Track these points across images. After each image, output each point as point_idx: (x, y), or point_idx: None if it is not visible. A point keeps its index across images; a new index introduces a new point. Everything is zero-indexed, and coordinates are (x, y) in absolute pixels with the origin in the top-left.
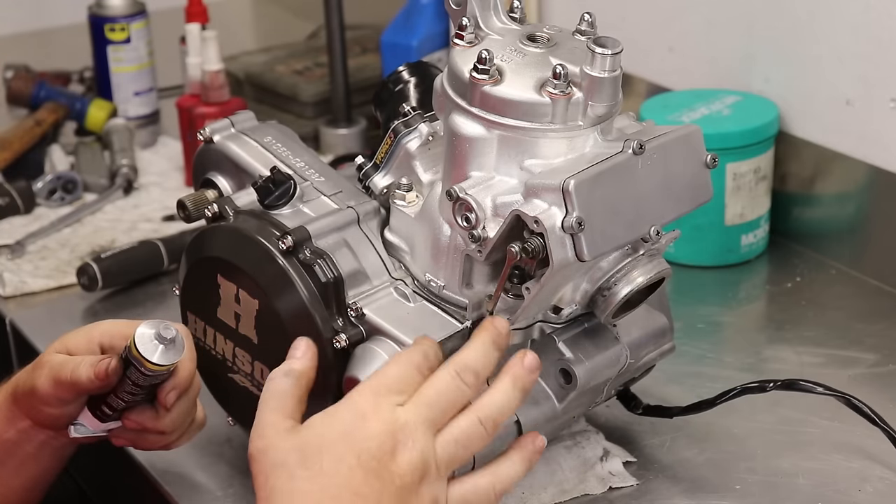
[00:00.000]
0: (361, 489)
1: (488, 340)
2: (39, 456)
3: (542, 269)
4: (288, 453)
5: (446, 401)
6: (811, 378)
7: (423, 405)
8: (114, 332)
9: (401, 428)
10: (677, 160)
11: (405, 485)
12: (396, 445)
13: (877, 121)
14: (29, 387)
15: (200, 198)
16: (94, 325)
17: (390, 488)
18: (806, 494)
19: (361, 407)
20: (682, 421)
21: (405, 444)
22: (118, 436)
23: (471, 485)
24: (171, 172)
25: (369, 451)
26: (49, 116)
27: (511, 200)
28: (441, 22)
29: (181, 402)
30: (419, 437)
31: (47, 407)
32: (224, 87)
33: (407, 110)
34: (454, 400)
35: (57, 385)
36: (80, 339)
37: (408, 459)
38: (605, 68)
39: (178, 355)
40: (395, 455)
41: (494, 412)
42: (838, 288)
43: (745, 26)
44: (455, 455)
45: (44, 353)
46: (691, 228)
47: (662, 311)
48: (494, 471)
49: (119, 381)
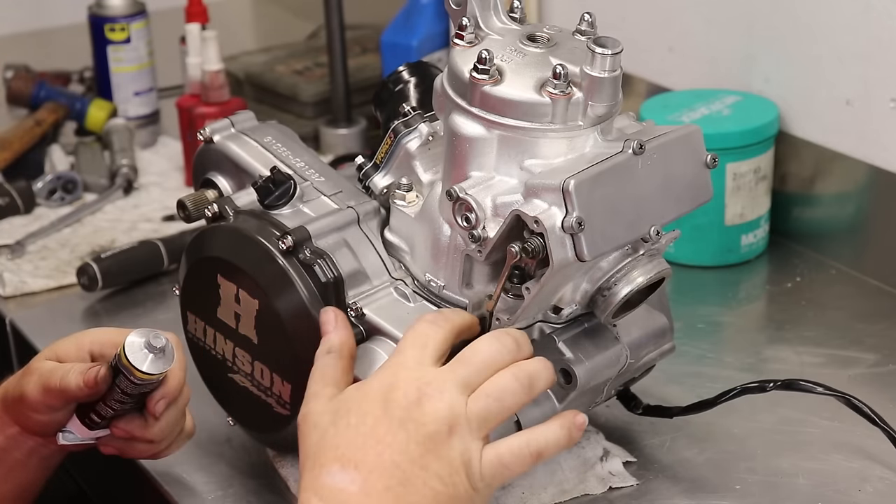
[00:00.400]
0: (385, 437)
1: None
2: (28, 463)
3: (542, 269)
4: (322, 415)
5: (481, 360)
6: (811, 378)
7: (458, 362)
8: (104, 339)
9: (428, 381)
10: (677, 160)
11: (430, 434)
12: (422, 396)
13: (877, 121)
14: (18, 393)
15: (200, 198)
16: (84, 332)
17: (416, 437)
18: (806, 494)
19: (392, 367)
20: (682, 421)
21: (431, 395)
22: (106, 444)
23: (505, 445)
24: (171, 172)
25: (395, 400)
26: (49, 116)
27: (511, 200)
28: (441, 22)
29: (170, 411)
30: (447, 389)
31: (36, 414)
32: (224, 87)
33: (407, 110)
34: (489, 360)
35: (46, 392)
36: (70, 346)
37: (433, 409)
38: (605, 68)
39: (168, 364)
40: (422, 404)
41: (531, 370)
42: (838, 288)
43: (745, 26)
44: (488, 409)
45: (34, 360)
46: (691, 228)
47: (662, 311)
48: (531, 431)
49: (108, 389)
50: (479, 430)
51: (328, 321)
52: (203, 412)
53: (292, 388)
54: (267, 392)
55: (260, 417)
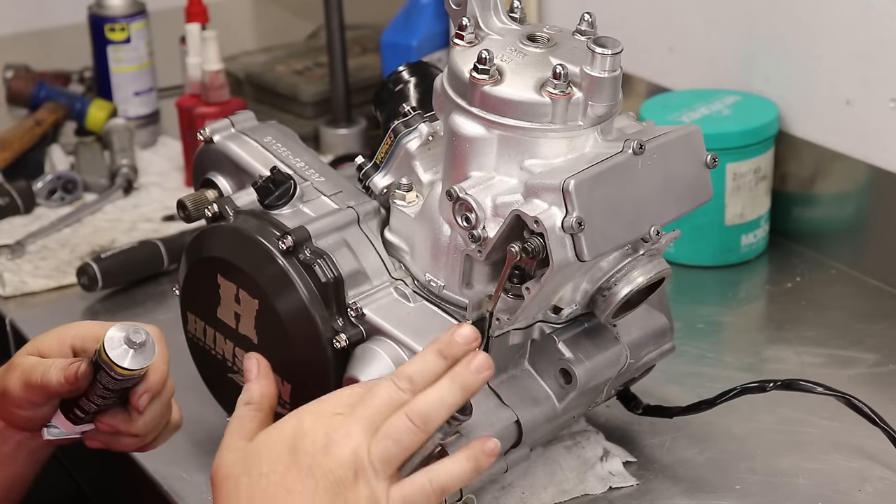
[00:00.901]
0: (295, 486)
1: (433, 349)
2: (16, 456)
3: (542, 269)
4: (234, 465)
5: (381, 402)
6: (811, 378)
7: (359, 406)
8: (86, 334)
9: (335, 427)
10: (677, 160)
11: (338, 480)
12: (329, 442)
13: (877, 121)
14: (1, 389)
15: (200, 198)
16: (66, 326)
17: (323, 483)
18: (806, 494)
19: (302, 414)
20: (682, 421)
21: (337, 440)
22: (92, 438)
23: (409, 484)
24: (171, 172)
25: (303, 448)
26: (49, 116)
27: (511, 200)
28: (441, 22)
29: (154, 404)
30: (352, 433)
31: (19, 409)
32: (224, 87)
33: (407, 110)
34: (388, 402)
35: (27, 388)
36: (52, 341)
37: (338, 454)
38: (604, 68)
39: (149, 359)
40: (328, 451)
41: (424, 407)
42: (838, 288)
43: (745, 26)
44: (389, 451)
45: (16, 355)
46: (691, 228)
47: (662, 312)
48: (432, 468)
49: (90, 384)
50: (383, 472)
51: (250, 370)
52: (203, 412)
53: (292, 387)
54: None
55: None
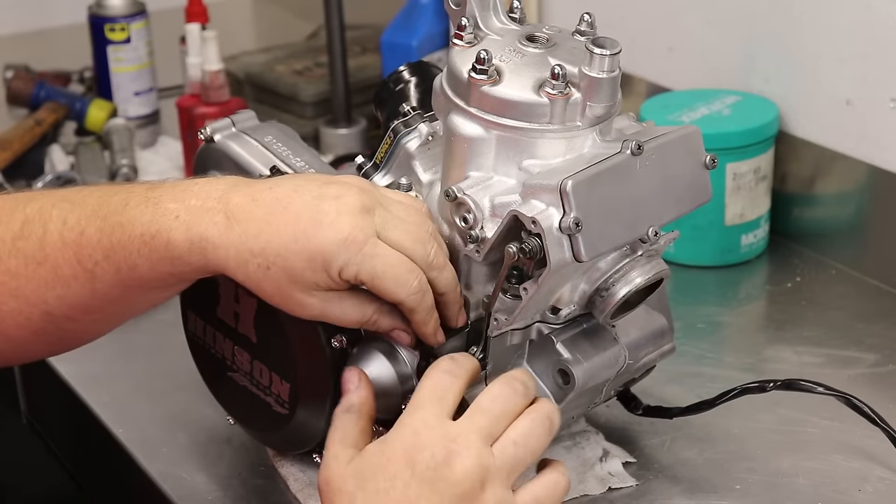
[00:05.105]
0: (419, 501)
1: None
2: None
3: (540, 270)
4: (346, 480)
5: (500, 408)
6: (811, 378)
7: (477, 413)
8: None
9: (453, 438)
10: (676, 161)
11: (464, 493)
12: (450, 454)
13: (877, 121)
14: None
15: None
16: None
17: (449, 497)
18: (806, 494)
19: (412, 424)
20: (682, 421)
21: (459, 452)
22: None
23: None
24: (171, 172)
25: (423, 462)
26: (49, 116)
27: (509, 201)
28: (441, 22)
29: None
30: (473, 444)
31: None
32: (224, 87)
33: (407, 110)
34: (507, 407)
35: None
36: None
37: (463, 466)
38: (603, 69)
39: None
40: (451, 463)
41: (547, 412)
42: (838, 288)
43: (745, 26)
44: (516, 457)
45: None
46: (691, 228)
47: (662, 312)
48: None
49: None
50: (508, 480)
51: (350, 380)
52: (203, 412)
53: (291, 387)
54: (266, 391)
55: (259, 416)
